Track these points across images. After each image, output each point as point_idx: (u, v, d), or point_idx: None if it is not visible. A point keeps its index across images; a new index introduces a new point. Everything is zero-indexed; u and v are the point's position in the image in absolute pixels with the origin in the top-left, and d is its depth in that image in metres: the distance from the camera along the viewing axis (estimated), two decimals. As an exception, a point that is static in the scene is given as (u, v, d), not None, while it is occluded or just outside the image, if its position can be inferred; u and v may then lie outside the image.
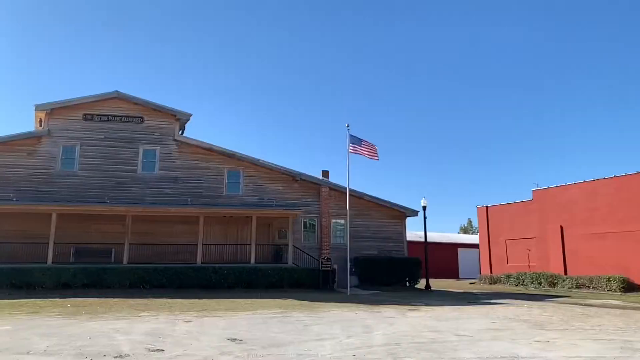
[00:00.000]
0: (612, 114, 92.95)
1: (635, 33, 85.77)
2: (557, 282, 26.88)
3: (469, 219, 78.61)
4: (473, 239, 48.77)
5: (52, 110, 23.55)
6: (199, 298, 17.14)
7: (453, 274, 42.71)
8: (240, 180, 25.26)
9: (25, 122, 65.65)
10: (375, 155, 21.78)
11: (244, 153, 25.38)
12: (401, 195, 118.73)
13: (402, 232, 26.82)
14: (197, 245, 22.06)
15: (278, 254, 23.90)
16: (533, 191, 31.38)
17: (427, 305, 16.32)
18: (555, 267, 28.56)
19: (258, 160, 25.47)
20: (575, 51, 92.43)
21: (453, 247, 45.57)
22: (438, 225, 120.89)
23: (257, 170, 25.51)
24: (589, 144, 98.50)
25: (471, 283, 33.59)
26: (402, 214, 26.86)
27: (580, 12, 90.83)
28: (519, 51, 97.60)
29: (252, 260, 22.34)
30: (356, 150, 21.62)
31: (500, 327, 10.92)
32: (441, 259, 40.73)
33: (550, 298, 20.70)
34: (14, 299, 16.13)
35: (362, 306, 15.35)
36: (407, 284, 25.20)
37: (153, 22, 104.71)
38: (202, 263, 21.74)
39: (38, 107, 23.33)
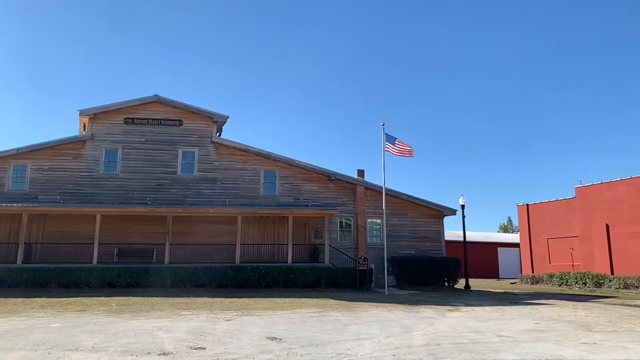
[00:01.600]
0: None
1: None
2: (603, 282, 25.96)
3: (508, 217, 76.92)
4: (513, 238, 47.68)
5: (95, 115, 24.36)
6: (238, 297, 17.42)
7: (493, 273, 41.89)
8: (276, 181, 25.48)
9: (69, 128, 68.05)
10: (412, 153, 21.52)
11: (280, 154, 25.63)
12: (439, 195, 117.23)
13: (440, 232, 26.47)
14: (235, 245, 22.38)
15: (314, 253, 23.99)
16: (576, 188, 30.40)
17: (467, 305, 16.05)
18: (600, 266, 27.60)
19: (293, 160, 25.61)
20: (616, 51, 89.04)
21: (493, 246, 44.66)
22: (477, 225, 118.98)
23: (293, 171, 25.68)
24: (631, 141, 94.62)
25: (512, 283, 32.86)
26: (439, 213, 26.51)
27: (623, 7, 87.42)
28: (558, 51, 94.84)
29: (289, 260, 22.50)
30: (392, 150, 21.44)
31: (544, 328, 10.64)
32: (480, 258, 40.01)
33: (596, 299, 20.02)
34: (62, 297, 16.82)
35: (400, 306, 15.24)
36: (446, 284, 24.83)
37: (183, 27, 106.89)
38: (240, 262, 22.02)
39: (82, 113, 24.21)
